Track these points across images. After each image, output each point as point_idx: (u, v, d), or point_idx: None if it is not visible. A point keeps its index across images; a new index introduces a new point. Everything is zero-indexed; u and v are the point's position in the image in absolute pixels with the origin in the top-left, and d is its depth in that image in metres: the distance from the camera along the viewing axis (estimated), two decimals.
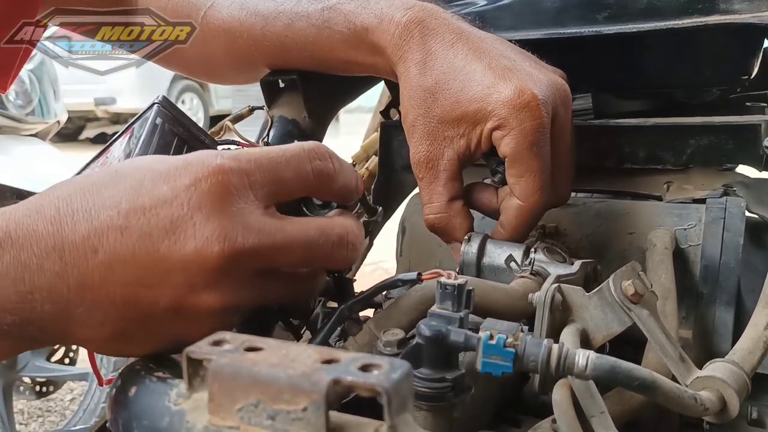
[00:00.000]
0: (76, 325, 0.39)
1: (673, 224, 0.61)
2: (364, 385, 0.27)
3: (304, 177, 0.44)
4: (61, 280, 0.38)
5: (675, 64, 0.67)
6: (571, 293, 0.47)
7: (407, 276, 0.47)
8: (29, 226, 0.38)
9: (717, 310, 0.57)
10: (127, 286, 0.38)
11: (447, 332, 0.40)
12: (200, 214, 0.38)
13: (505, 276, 0.56)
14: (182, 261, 0.38)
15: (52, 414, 2.67)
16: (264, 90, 0.77)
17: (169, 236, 0.38)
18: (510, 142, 0.55)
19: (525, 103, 0.54)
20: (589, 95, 0.69)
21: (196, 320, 0.40)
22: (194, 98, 8.09)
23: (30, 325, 0.38)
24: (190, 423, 0.32)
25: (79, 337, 0.40)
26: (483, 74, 0.57)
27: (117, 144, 0.68)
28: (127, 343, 0.41)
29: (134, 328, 0.40)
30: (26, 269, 0.37)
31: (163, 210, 0.38)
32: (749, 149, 0.62)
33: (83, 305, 0.38)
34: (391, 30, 0.61)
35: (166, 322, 0.40)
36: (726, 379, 0.43)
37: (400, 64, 0.61)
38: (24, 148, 2.43)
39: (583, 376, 0.38)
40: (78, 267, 0.38)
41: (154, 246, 0.38)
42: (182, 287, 0.39)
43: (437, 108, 0.58)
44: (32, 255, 0.37)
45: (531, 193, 0.57)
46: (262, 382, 0.29)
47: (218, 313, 0.40)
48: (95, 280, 0.38)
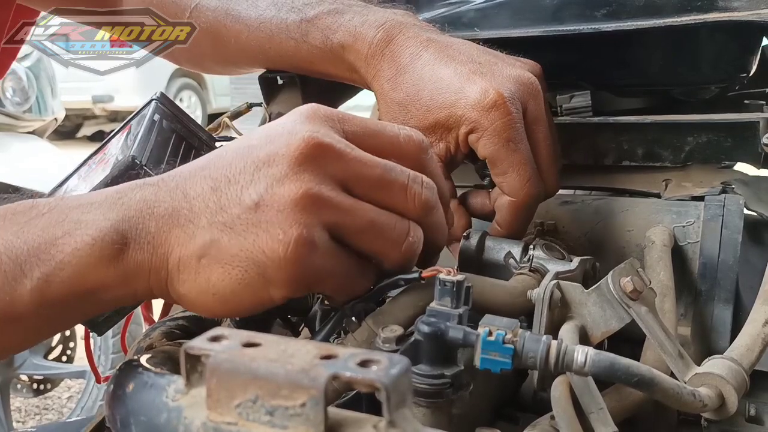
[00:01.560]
0: (175, 243, 0.42)
1: (671, 221, 0.61)
2: (363, 380, 0.27)
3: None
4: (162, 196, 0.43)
5: (674, 62, 0.67)
6: (570, 290, 0.47)
7: (409, 275, 0.46)
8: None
9: (715, 308, 0.57)
10: (215, 179, 0.42)
11: (446, 329, 0.40)
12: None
13: (504, 273, 0.56)
14: (269, 153, 0.42)
15: (49, 412, 2.66)
16: (262, 87, 0.78)
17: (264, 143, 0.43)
18: (486, 143, 0.57)
19: (492, 103, 0.56)
20: (587, 93, 0.69)
21: (276, 222, 0.41)
22: (192, 96, 8.08)
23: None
24: (187, 419, 0.32)
25: (174, 261, 0.42)
26: (449, 81, 0.58)
27: (114, 140, 0.68)
28: (213, 264, 0.42)
29: (220, 237, 0.41)
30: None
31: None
32: (748, 147, 0.62)
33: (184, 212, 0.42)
34: (364, 50, 0.63)
35: (249, 227, 0.41)
36: (725, 375, 0.43)
37: (375, 82, 0.63)
38: (21, 145, 2.42)
39: (582, 372, 0.38)
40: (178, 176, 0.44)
41: (250, 150, 0.43)
42: (267, 179, 0.41)
43: (411, 119, 0.60)
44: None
45: (519, 188, 0.58)
46: (260, 378, 0.28)
47: (300, 214, 0.41)
48: (190, 178, 0.44)
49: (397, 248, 0.45)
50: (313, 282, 0.43)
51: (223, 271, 0.42)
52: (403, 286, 0.47)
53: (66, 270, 0.41)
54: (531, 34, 0.66)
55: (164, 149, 0.62)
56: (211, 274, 0.42)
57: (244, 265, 0.41)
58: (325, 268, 0.42)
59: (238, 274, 0.41)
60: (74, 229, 0.41)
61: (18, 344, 0.45)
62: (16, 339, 0.44)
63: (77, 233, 0.41)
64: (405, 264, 0.45)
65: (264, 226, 0.41)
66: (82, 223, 0.42)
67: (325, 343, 0.47)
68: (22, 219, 0.42)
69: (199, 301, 0.43)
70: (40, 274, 0.41)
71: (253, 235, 0.41)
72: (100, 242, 0.41)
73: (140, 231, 0.42)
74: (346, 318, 0.49)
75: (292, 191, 0.41)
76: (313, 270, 0.42)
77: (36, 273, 0.41)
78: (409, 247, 0.45)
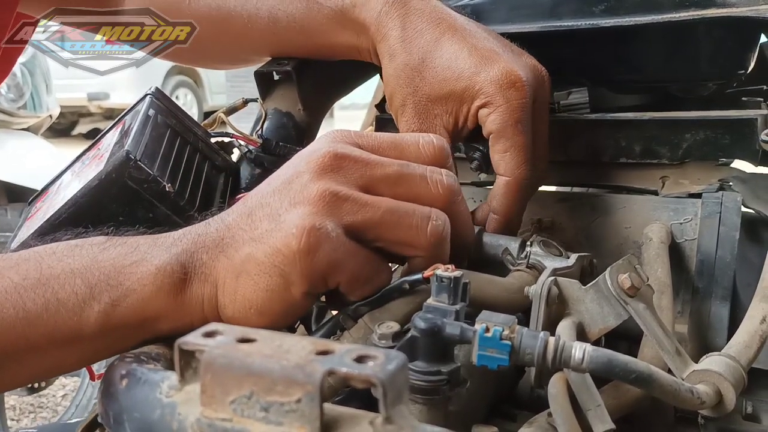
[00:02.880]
0: (221, 269, 0.45)
1: (669, 219, 0.61)
2: (359, 376, 0.27)
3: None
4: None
5: (671, 58, 0.67)
6: (568, 286, 0.46)
7: (413, 277, 0.46)
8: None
9: (712, 305, 0.57)
10: (249, 207, 0.46)
11: (442, 325, 0.39)
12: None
13: (501, 269, 0.55)
14: (294, 172, 0.46)
15: (44, 410, 2.65)
16: (258, 82, 0.77)
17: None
18: (496, 118, 0.57)
19: (512, 83, 0.57)
20: (585, 89, 0.69)
21: (292, 220, 0.43)
22: (188, 94, 8.05)
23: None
24: (181, 415, 0.31)
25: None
26: (468, 55, 0.58)
27: (108, 136, 0.68)
28: (246, 278, 0.44)
29: (251, 251, 0.44)
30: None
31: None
32: (745, 144, 0.62)
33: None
34: (378, 7, 0.62)
35: (272, 233, 0.43)
36: (723, 372, 0.43)
37: (383, 43, 0.62)
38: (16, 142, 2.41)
39: (579, 368, 0.38)
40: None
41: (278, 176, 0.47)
42: (292, 192, 0.44)
43: (425, 86, 0.60)
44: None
45: (516, 167, 0.58)
46: (255, 374, 0.28)
47: (315, 209, 0.43)
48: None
49: (422, 233, 0.46)
50: (330, 272, 0.44)
51: (253, 283, 0.44)
52: (407, 289, 0.46)
53: (131, 297, 0.44)
54: (528, 30, 0.66)
55: (159, 144, 0.62)
56: (246, 289, 0.44)
57: (268, 271, 0.43)
58: (338, 260, 0.43)
59: (264, 282, 0.44)
60: (141, 260, 0.45)
61: (74, 364, 0.48)
62: (74, 359, 0.46)
63: (143, 263, 0.44)
64: (436, 251, 0.46)
65: (281, 227, 0.43)
66: (149, 255, 0.45)
67: (321, 339, 0.46)
68: (97, 249, 0.45)
69: (243, 320, 0.45)
70: (108, 299, 0.43)
71: (273, 239, 0.43)
72: (162, 273, 0.44)
73: (195, 262, 0.45)
74: (343, 317, 0.49)
75: (312, 192, 0.44)
76: (327, 261, 0.43)
77: (105, 297, 0.43)
78: (434, 230, 0.46)
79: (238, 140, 0.71)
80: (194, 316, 0.45)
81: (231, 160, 0.71)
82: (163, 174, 0.59)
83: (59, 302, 0.43)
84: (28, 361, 0.44)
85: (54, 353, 0.44)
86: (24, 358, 0.44)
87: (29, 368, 0.45)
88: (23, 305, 0.42)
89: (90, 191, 0.57)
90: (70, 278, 0.43)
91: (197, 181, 0.64)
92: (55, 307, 0.43)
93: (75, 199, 0.58)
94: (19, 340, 0.43)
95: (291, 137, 0.75)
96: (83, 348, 0.45)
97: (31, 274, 0.44)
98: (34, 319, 0.43)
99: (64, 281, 0.43)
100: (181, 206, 0.59)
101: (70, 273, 0.44)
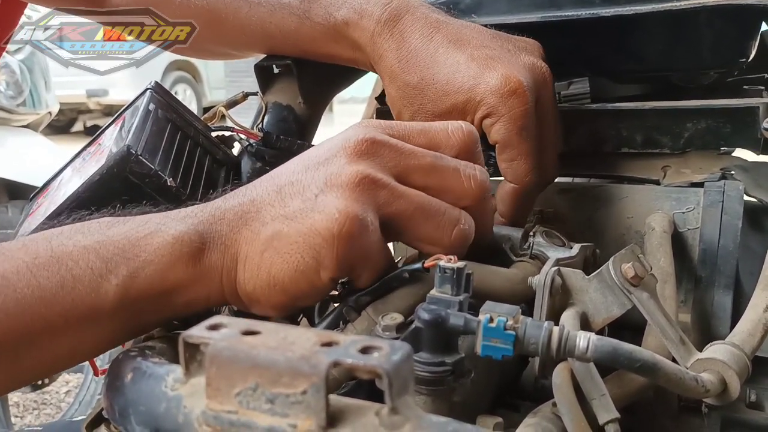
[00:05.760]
0: (243, 242, 0.44)
1: (671, 208, 0.61)
2: (365, 367, 0.27)
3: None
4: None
5: (672, 47, 0.66)
6: (571, 276, 0.46)
7: (412, 266, 0.46)
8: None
9: (715, 294, 0.57)
10: (278, 184, 0.46)
11: (446, 316, 0.39)
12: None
13: (504, 260, 0.55)
14: (328, 154, 0.45)
15: (47, 406, 2.66)
16: (258, 76, 0.77)
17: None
18: (500, 128, 0.57)
19: (512, 91, 0.56)
20: (586, 79, 0.69)
21: (334, 203, 0.42)
22: (187, 89, 8.03)
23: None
24: (187, 408, 0.32)
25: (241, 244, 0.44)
26: (467, 65, 0.58)
27: (109, 131, 0.68)
28: (275, 255, 0.43)
29: (282, 228, 0.43)
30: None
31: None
32: (747, 132, 0.62)
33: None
34: (370, 27, 0.62)
35: (308, 213, 0.43)
36: (727, 360, 0.43)
37: (381, 62, 0.62)
38: (15, 139, 2.41)
39: (584, 358, 0.38)
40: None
41: (309, 156, 0.47)
42: (327, 173, 0.44)
43: (428, 103, 0.60)
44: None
45: (524, 175, 0.58)
46: (260, 366, 0.28)
47: (357, 195, 0.43)
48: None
49: (447, 235, 0.46)
50: (359, 262, 0.44)
51: (282, 261, 0.43)
52: (407, 278, 0.47)
53: (148, 268, 0.43)
54: (529, 20, 0.66)
55: (160, 139, 0.62)
56: (272, 265, 0.43)
57: (301, 251, 0.43)
58: (371, 250, 0.44)
59: (295, 261, 0.43)
60: (156, 231, 0.44)
61: (91, 349, 0.46)
62: (91, 342, 0.44)
63: (158, 234, 0.44)
64: (455, 252, 0.46)
65: (321, 208, 0.43)
66: (163, 226, 0.44)
67: (326, 330, 0.46)
68: (105, 227, 0.44)
69: (264, 296, 0.44)
70: (125, 271, 0.42)
71: (311, 219, 0.43)
72: (180, 242, 0.43)
73: (214, 233, 0.44)
74: (346, 309, 0.49)
75: (351, 176, 0.43)
76: (361, 250, 0.43)
77: (122, 270, 0.42)
78: (459, 234, 0.46)
79: (239, 134, 0.71)
80: (212, 287, 0.45)
81: (232, 154, 0.71)
82: (165, 168, 0.59)
83: (75, 279, 0.41)
84: (46, 344, 0.42)
85: (71, 335, 0.42)
86: (41, 341, 0.42)
87: (47, 353, 0.43)
88: (38, 284, 0.41)
89: (91, 186, 0.57)
90: (83, 254, 0.42)
91: (198, 175, 0.64)
92: (71, 284, 0.41)
93: (77, 194, 0.58)
94: (36, 322, 0.41)
95: (292, 130, 0.75)
96: (101, 328, 0.43)
97: (41, 253, 0.42)
98: (50, 298, 0.41)
99: (78, 257, 0.42)
100: (182, 200, 0.59)
101: (83, 249, 0.42)
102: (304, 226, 0.43)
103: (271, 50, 0.74)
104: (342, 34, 0.64)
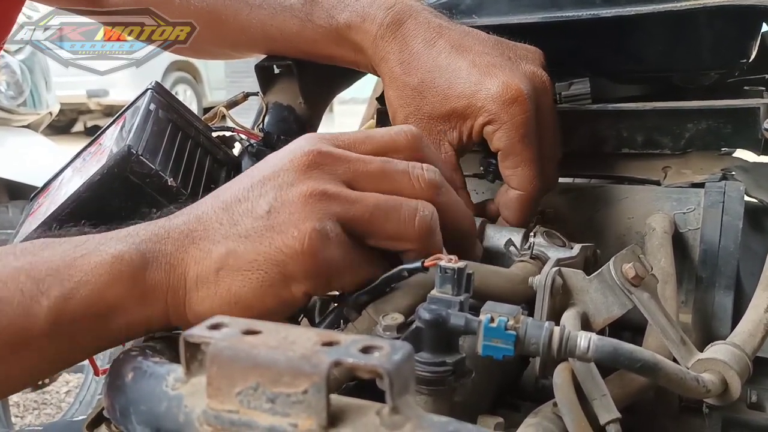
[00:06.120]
0: (191, 261, 0.43)
1: (671, 208, 0.61)
2: (366, 366, 0.27)
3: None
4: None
5: (673, 48, 0.66)
6: (572, 276, 0.46)
7: (412, 265, 0.46)
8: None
9: (716, 295, 0.57)
10: (224, 201, 0.45)
11: (447, 316, 0.39)
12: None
13: (505, 260, 0.55)
14: (275, 169, 0.45)
15: (48, 406, 2.66)
16: (259, 76, 0.77)
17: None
18: (502, 136, 0.57)
19: (513, 98, 0.56)
20: (586, 80, 0.69)
21: (289, 222, 0.42)
22: (188, 90, 8.04)
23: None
24: (188, 407, 0.32)
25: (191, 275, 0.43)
26: (468, 71, 0.58)
27: (109, 132, 0.68)
28: (233, 272, 0.43)
29: (236, 246, 0.43)
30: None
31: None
32: (748, 133, 0.62)
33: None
34: (373, 30, 0.62)
35: (264, 233, 0.43)
36: (728, 361, 0.43)
37: (383, 64, 0.62)
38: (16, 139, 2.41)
39: (585, 358, 0.38)
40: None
41: (254, 172, 0.46)
42: (275, 188, 0.43)
43: (426, 106, 0.60)
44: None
45: (528, 182, 0.58)
46: (261, 365, 0.28)
47: (310, 210, 0.42)
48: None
49: (410, 226, 0.45)
50: (333, 273, 0.44)
51: (243, 277, 0.43)
52: (406, 276, 0.47)
53: (84, 288, 0.41)
54: (529, 21, 0.66)
55: (160, 139, 0.62)
56: (232, 283, 0.43)
57: (264, 267, 0.42)
58: (342, 259, 0.43)
59: (259, 277, 0.42)
60: (94, 251, 0.42)
61: (27, 374, 0.44)
62: (26, 367, 0.42)
63: (96, 254, 0.42)
64: (426, 242, 0.46)
65: (278, 228, 0.42)
66: (101, 245, 0.43)
67: (327, 330, 0.46)
68: (39, 248, 0.43)
69: (223, 314, 0.43)
70: (57, 293, 0.41)
71: (268, 239, 0.42)
72: (119, 261, 0.42)
73: (158, 252, 0.43)
74: (347, 308, 0.49)
75: (300, 192, 0.43)
76: (330, 261, 0.43)
77: (54, 291, 0.41)
78: (422, 222, 0.46)
79: (240, 134, 0.71)
80: (154, 308, 0.43)
81: (232, 154, 0.71)
82: (165, 168, 0.59)
83: (3, 301, 0.40)
84: None
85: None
86: None
87: None
88: None
89: (92, 186, 0.57)
90: (13, 275, 0.40)
91: (199, 176, 0.64)
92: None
93: (77, 194, 0.58)
94: None
95: (292, 131, 0.75)
96: (32, 353, 0.41)
97: None
98: None
99: (7, 279, 0.40)
100: (183, 201, 0.59)
101: (14, 270, 0.41)
102: (262, 245, 0.42)
103: (272, 51, 0.75)
104: (344, 37, 0.65)
